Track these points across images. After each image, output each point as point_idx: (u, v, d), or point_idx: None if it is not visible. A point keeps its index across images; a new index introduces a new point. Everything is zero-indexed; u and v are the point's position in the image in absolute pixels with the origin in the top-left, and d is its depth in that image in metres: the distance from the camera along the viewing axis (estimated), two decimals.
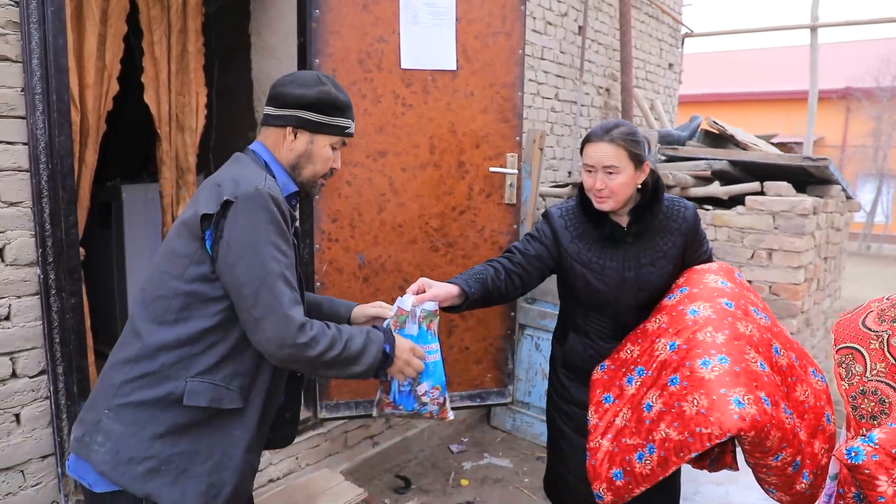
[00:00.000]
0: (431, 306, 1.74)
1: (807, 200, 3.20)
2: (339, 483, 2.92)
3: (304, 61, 2.64)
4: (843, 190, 3.85)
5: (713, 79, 16.91)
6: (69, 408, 2.18)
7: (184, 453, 1.42)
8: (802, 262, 3.22)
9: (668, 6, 6.33)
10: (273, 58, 3.24)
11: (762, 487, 1.85)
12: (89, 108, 2.45)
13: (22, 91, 1.99)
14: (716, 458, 1.81)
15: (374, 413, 1.81)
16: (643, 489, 1.76)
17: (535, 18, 4.39)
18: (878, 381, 1.30)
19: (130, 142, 4.62)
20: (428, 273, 2.89)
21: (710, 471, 1.88)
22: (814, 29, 6.23)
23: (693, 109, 11.61)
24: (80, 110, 2.40)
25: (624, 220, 1.98)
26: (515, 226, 3.01)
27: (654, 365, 1.79)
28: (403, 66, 2.75)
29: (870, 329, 1.34)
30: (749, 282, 3.40)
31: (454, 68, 2.83)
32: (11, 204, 2.01)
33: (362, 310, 1.81)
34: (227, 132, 3.58)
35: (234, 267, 1.38)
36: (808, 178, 3.67)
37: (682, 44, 6.83)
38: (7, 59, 1.95)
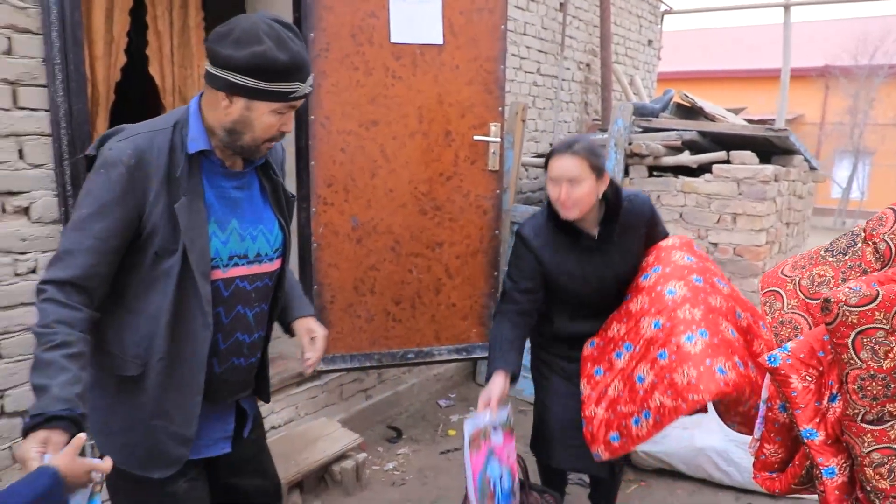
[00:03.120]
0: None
1: (768, 168, 3.46)
2: (336, 430, 3.16)
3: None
4: (807, 161, 4.10)
5: (694, 56, 17.11)
6: None
7: (106, 408, 1.49)
8: (764, 225, 3.48)
9: None
10: None
11: (726, 423, 2.14)
12: (99, 78, 2.62)
13: (43, 61, 2.16)
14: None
15: None
16: (638, 446, 2.05)
17: None
18: (792, 313, 1.57)
19: (132, 111, 4.76)
20: (417, 234, 3.11)
21: (685, 415, 2.15)
22: (787, 7, 6.46)
23: (673, 86, 11.82)
24: (91, 81, 2.56)
25: (594, 230, 2.17)
26: (498, 191, 3.23)
27: (642, 342, 2.06)
28: (393, 40, 2.93)
29: (786, 275, 1.63)
30: (715, 244, 3.66)
31: (441, 43, 3.02)
32: (35, 166, 2.19)
33: (305, 326, 1.76)
34: None
35: None
36: (773, 149, 3.92)
37: (662, 21, 7.02)
38: (29, 32, 2.12)
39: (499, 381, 2.01)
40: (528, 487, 2.38)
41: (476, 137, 3.13)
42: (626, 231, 2.19)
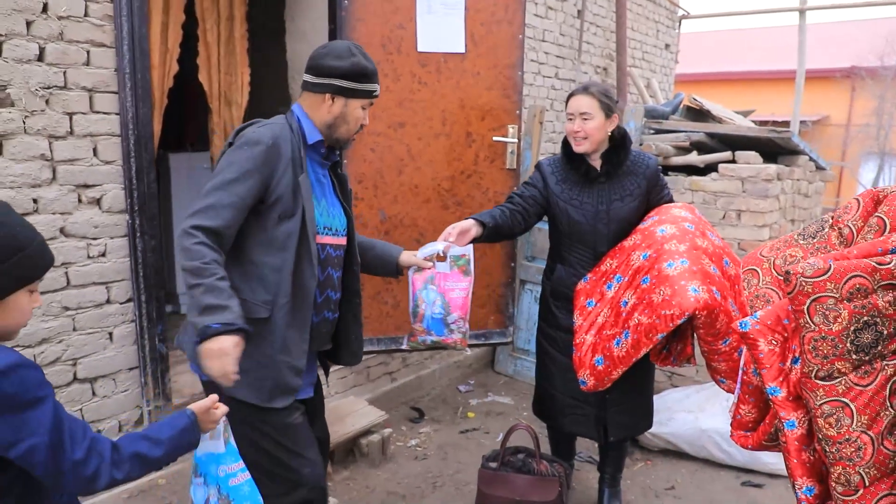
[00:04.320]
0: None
1: (770, 168, 3.66)
2: (364, 407, 3.43)
3: None
4: (813, 160, 4.28)
5: (714, 58, 17.11)
6: (150, 330, 2.68)
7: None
8: (767, 221, 3.69)
9: None
10: (305, 41, 3.70)
11: (715, 380, 2.33)
12: (155, 85, 2.92)
13: (115, 71, 2.47)
14: (679, 351, 2.30)
15: (405, 345, 2.28)
16: (620, 371, 2.25)
17: (536, 3, 4.81)
18: (767, 288, 1.80)
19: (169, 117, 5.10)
20: (439, 228, 3.36)
21: (673, 365, 2.37)
22: (802, 11, 6.61)
23: (691, 88, 11.94)
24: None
25: (598, 164, 2.49)
26: (515, 188, 3.48)
27: (630, 272, 2.29)
28: (420, 49, 3.21)
29: (764, 256, 1.86)
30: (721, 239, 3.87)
31: (463, 51, 3.29)
32: (107, 162, 2.50)
33: (408, 256, 2.19)
34: (263, 106, 4.05)
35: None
36: (779, 150, 4.11)
37: (679, 25, 7.20)
38: (104, 45, 2.44)
39: (467, 221, 2.35)
40: (538, 456, 2.64)
41: (495, 138, 3.40)
42: (628, 175, 2.48)
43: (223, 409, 1.49)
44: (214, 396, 1.49)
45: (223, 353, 1.54)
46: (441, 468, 3.26)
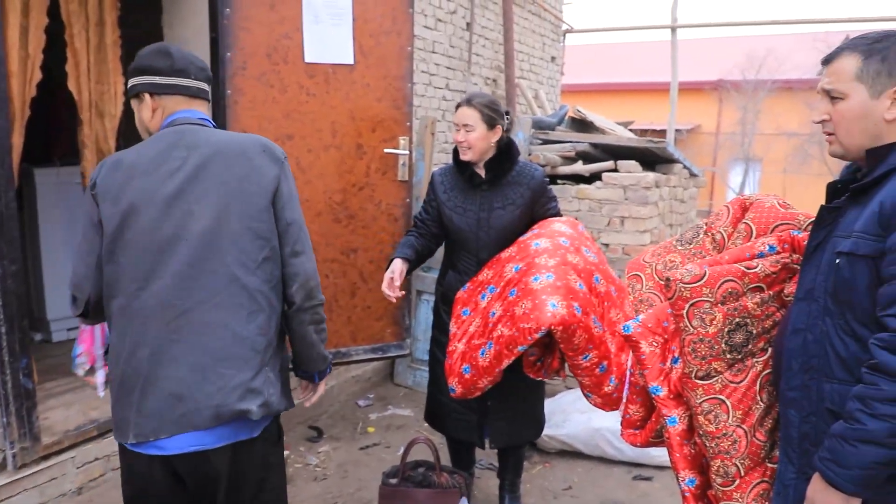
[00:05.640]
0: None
1: (649, 176, 3.88)
2: None
3: (216, 54, 2.97)
4: (687, 168, 4.58)
5: (597, 70, 18.00)
6: (12, 364, 2.44)
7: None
8: (647, 226, 3.90)
9: (550, 4, 6.97)
10: (186, 50, 3.52)
11: (584, 394, 2.42)
12: (14, 93, 2.68)
13: None
14: (547, 366, 2.37)
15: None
16: (487, 381, 2.30)
17: (426, 16, 4.85)
18: (650, 293, 1.89)
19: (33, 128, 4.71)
20: (332, 241, 3.31)
21: (544, 377, 2.43)
22: (673, 29, 7.08)
23: (577, 98, 12.48)
24: (7, 96, 2.63)
25: (483, 172, 2.57)
26: (408, 200, 3.48)
27: (502, 284, 2.34)
28: (307, 59, 3.14)
29: (646, 262, 1.96)
30: (606, 245, 4.04)
31: (352, 62, 3.25)
32: None
33: None
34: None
35: (286, 209, 1.68)
36: (656, 158, 4.36)
37: (564, 39, 7.51)
38: None
39: (397, 263, 2.49)
40: (439, 469, 2.63)
41: (386, 150, 3.38)
42: (513, 184, 2.55)
43: None
44: None
45: None
46: (341, 487, 3.19)
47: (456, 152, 2.57)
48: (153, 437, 1.57)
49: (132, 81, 1.71)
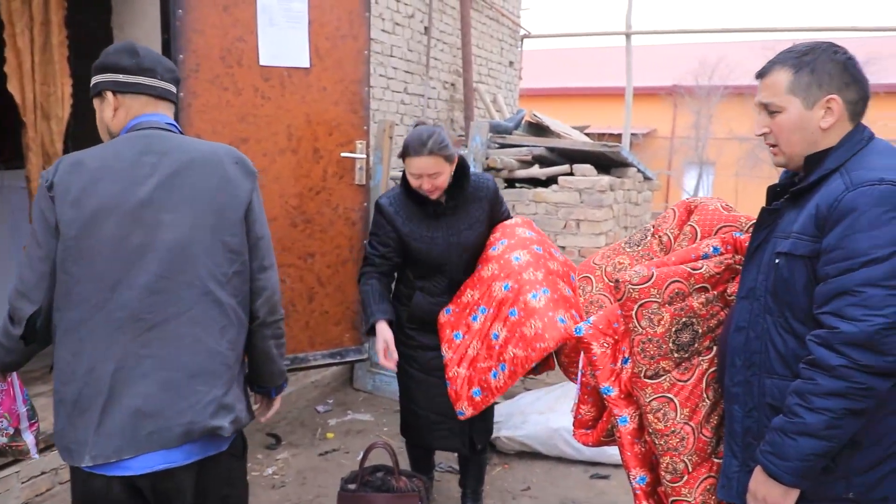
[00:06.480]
0: None
1: (604, 179, 3.96)
2: None
3: (168, 56, 2.91)
4: (641, 171, 4.67)
5: (555, 75, 18.25)
6: None
7: None
8: (603, 229, 3.98)
9: (508, 10, 7.04)
10: None
11: (570, 378, 2.47)
12: None
13: None
14: (542, 363, 2.43)
15: None
16: (496, 399, 2.37)
17: (383, 19, 4.85)
18: (600, 294, 1.93)
19: None
20: (288, 246, 3.28)
21: (535, 375, 2.53)
22: (628, 35, 7.23)
23: (534, 102, 12.63)
24: None
25: (442, 198, 2.51)
26: (366, 203, 3.47)
27: (494, 304, 2.39)
28: (262, 62, 3.10)
29: (596, 264, 2.00)
30: (563, 248, 4.10)
31: (308, 66, 3.22)
32: None
33: None
34: (89, 118, 3.72)
35: (256, 223, 1.65)
36: (611, 162, 4.44)
37: (521, 43, 7.59)
38: None
39: (384, 328, 2.39)
40: (397, 473, 2.63)
41: (343, 154, 3.36)
42: (472, 202, 2.54)
43: None
44: None
45: None
46: (300, 495, 3.16)
47: (406, 183, 2.48)
48: (115, 457, 1.48)
49: (95, 79, 1.64)
